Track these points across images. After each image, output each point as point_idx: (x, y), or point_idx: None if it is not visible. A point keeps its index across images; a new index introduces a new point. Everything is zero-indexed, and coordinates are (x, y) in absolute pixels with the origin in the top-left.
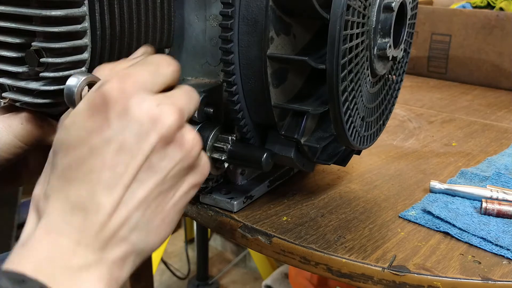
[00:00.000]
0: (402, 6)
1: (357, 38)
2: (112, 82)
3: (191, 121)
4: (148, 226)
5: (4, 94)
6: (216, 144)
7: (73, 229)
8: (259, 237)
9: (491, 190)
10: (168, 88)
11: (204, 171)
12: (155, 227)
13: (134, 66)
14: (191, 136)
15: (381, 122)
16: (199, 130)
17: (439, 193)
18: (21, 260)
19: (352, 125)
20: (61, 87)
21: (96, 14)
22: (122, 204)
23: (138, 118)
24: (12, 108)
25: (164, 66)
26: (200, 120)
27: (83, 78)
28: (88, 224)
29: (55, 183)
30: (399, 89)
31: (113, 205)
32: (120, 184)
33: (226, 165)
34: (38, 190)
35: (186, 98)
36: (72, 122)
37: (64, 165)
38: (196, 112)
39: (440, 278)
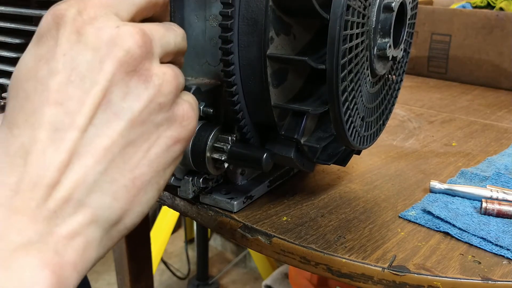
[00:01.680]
0: (402, 6)
1: (357, 38)
2: (69, 1)
3: None
4: (114, 188)
5: (4, 94)
6: (216, 144)
7: (8, 193)
8: (259, 237)
9: (491, 190)
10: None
11: (186, 120)
12: (123, 189)
13: None
14: (161, 69)
15: (381, 122)
16: (199, 130)
17: (439, 193)
18: None
19: (352, 125)
20: None
21: None
22: (76, 156)
23: (92, 43)
24: None
25: None
26: (200, 120)
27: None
28: (29, 182)
29: None
30: (399, 89)
31: (64, 156)
32: (72, 127)
33: (226, 165)
34: None
35: (161, 27)
36: (23, 54)
37: (8, 109)
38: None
39: (440, 278)
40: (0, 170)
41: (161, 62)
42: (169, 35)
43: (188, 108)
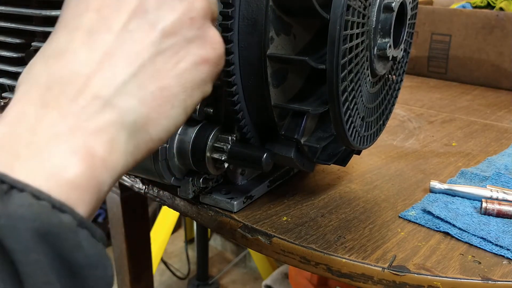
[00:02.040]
0: (402, 6)
1: (357, 38)
2: None
3: (192, 120)
4: (142, 92)
5: (4, 94)
6: (216, 144)
7: (40, 88)
8: (259, 237)
9: (491, 190)
10: None
11: (216, 44)
12: (150, 95)
13: None
14: None
15: (381, 122)
16: (199, 130)
17: (439, 193)
18: None
19: (352, 125)
20: None
21: None
22: (108, 57)
23: None
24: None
25: None
26: (200, 120)
27: None
28: (61, 80)
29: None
30: (399, 89)
31: (97, 57)
32: (107, 30)
33: (226, 165)
34: None
35: None
36: None
37: (55, 24)
38: (197, 112)
39: (440, 278)
40: (35, 74)
41: None
42: None
43: (218, 35)
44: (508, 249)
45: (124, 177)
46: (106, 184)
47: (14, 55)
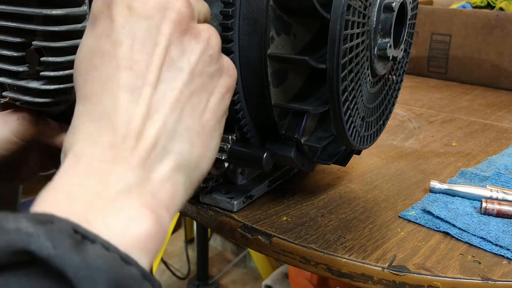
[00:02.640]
0: (403, 6)
1: (357, 38)
2: None
3: None
4: (189, 134)
5: (4, 93)
6: None
7: (105, 148)
8: (259, 237)
9: (491, 190)
10: None
11: (231, 71)
12: (196, 135)
13: None
14: (203, 27)
15: (381, 122)
16: None
17: (439, 193)
18: (47, 200)
19: (352, 125)
20: (61, 86)
21: None
22: (153, 108)
23: (145, 12)
24: (9, 105)
25: None
26: None
27: None
28: (119, 136)
29: (77, 113)
30: (399, 89)
31: (144, 110)
32: (145, 85)
33: (226, 164)
34: (65, 138)
35: None
36: (82, 40)
37: (80, 86)
38: None
39: (440, 278)
40: (90, 134)
41: None
42: (198, 3)
43: (229, 61)
44: (508, 249)
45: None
46: (168, 226)
47: (14, 54)
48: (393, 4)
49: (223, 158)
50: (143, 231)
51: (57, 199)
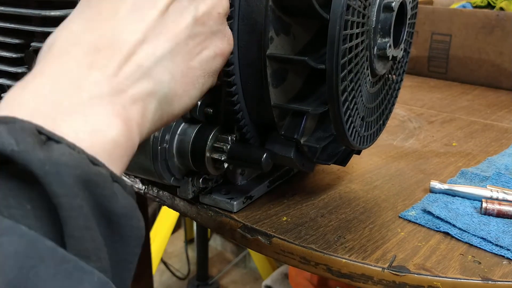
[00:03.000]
0: (402, 6)
1: (357, 38)
2: None
3: (192, 119)
4: (173, 68)
5: (3, 95)
6: (215, 145)
7: (86, 51)
8: (259, 237)
9: (491, 190)
10: None
11: (229, 40)
12: (180, 73)
13: None
14: None
15: (381, 122)
16: (199, 130)
17: (439, 193)
18: (14, 99)
19: (352, 125)
20: None
21: None
22: (152, 31)
23: None
24: None
25: None
26: (200, 120)
27: None
28: (106, 42)
29: (73, 12)
30: (399, 89)
31: (142, 28)
32: (152, 7)
33: (226, 165)
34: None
35: None
36: None
37: (83, 7)
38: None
39: (440, 278)
40: (76, 33)
41: None
42: None
43: (230, 32)
44: (508, 249)
45: (123, 177)
46: (137, 143)
47: (14, 55)
48: (393, 4)
49: (222, 158)
50: (111, 138)
51: (23, 97)
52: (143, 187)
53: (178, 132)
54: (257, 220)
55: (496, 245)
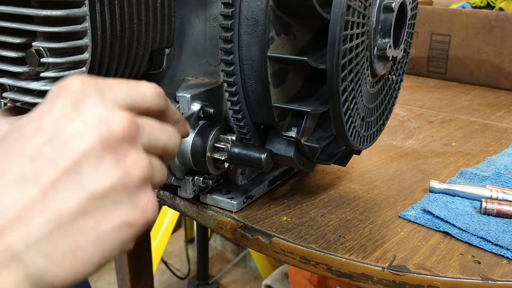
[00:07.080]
0: (402, 7)
1: (357, 38)
2: (82, 77)
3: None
4: (52, 252)
5: (4, 94)
6: (216, 144)
7: None
8: (259, 237)
9: (490, 190)
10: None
11: (148, 211)
12: (61, 255)
13: (113, 80)
14: (138, 156)
15: (381, 122)
16: (199, 130)
17: (439, 193)
18: None
19: (352, 125)
20: None
21: (97, 14)
22: (27, 210)
23: (85, 115)
24: (18, 109)
25: (146, 86)
26: (200, 120)
27: None
28: None
29: None
30: (399, 89)
31: (17, 208)
32: (35, 183)
33: (226, 165)
34: None
35: (157, 125)
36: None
37: None
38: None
39: (440, 278)
40: None
41: (148, 153)
42: (162, 133)
43: (152, 200)
44: (507, 249)
45: None
46: None
47: (15, 55)
48: (393, 5)
49: (223, 158)
50: None
51: None
52: None
53: None
54: (257, 219)
55: (496, 244)
